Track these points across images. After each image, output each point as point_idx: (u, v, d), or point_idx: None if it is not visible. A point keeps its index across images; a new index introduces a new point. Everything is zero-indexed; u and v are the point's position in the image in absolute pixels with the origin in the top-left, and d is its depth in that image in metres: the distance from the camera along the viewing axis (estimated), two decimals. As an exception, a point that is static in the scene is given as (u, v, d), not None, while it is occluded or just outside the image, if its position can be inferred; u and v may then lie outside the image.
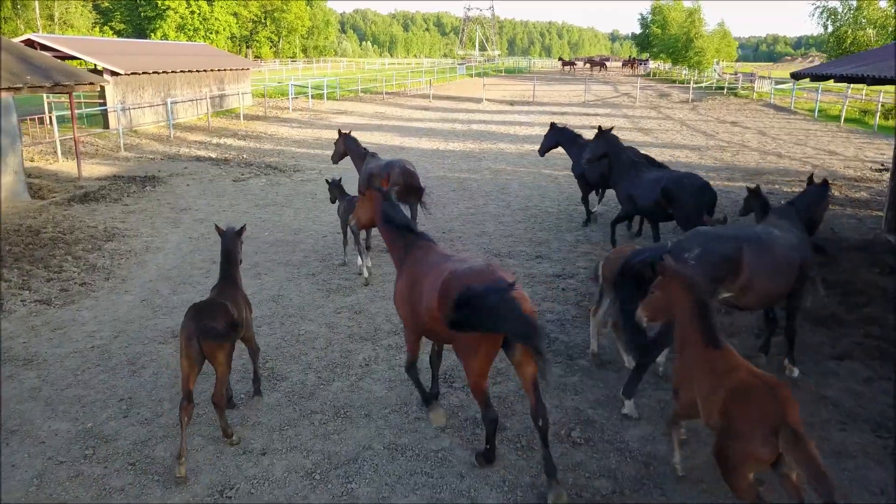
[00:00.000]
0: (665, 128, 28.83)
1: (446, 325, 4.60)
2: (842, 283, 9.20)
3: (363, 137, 26.37)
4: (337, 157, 12.12)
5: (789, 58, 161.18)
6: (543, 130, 28.21)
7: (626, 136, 26.13)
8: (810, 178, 7.83)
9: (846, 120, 29.72)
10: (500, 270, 4.96)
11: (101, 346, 7.50)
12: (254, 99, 40.04)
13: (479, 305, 4.43)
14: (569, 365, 6.89)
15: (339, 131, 12.09)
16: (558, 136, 12.75)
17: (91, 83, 16.49)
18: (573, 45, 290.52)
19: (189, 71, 30.10)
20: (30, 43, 24.08)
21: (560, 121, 29.64)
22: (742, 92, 45.82)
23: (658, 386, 6.51)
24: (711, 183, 16.95)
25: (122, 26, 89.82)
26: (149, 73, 26.82)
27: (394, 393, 6.37)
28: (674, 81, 61.40)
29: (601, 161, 10.34)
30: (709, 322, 4.54)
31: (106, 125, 25.06)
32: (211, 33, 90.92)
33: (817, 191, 7.47)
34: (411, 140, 24.94)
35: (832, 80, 10.34)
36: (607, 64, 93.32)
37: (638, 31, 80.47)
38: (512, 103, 41.20)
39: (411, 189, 10.07)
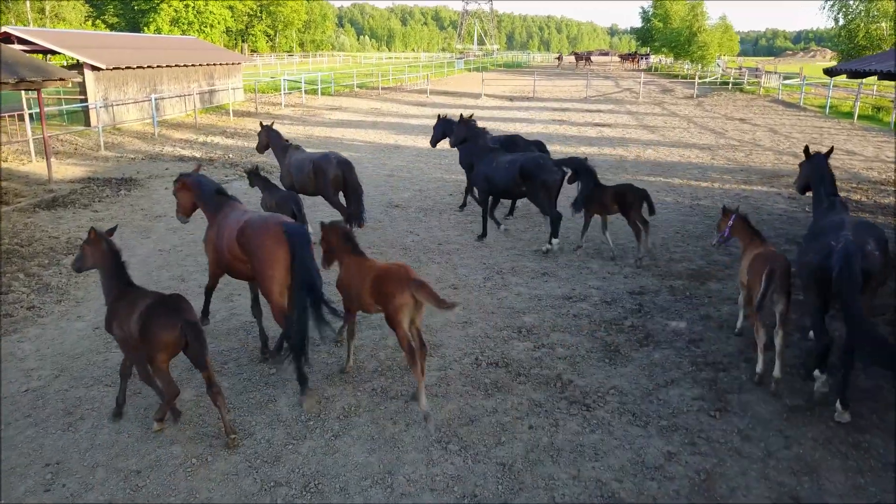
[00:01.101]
0: (671, 125, 27.71)
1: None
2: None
3: (357, 135, 25.39)
4: (262, 149, 12.00)
5: (790, 52, 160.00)
6: (545, 128, 27.20)
7: (632, 134, 25.01)
8: (806, 150, 7.77)
9: (859, 117, 28.62)
10: (285, 219, 6.43)
11: (36, 390, 6.40)
12: (246, 94, 38.88)
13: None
14: (586, 418, 5.80)
15: (261, 123, 12.05)
16: (445, 127, 12.62)
17: (61, 79, 15.34)
18: (572, 40, 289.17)
19: (176, 65, 28.89)
20: (5, 36, 22.88)
21: (562, 118, 28.33)
22: (748, 87, 44.65)
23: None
24: (727, 186, 16.14)
25: (116, 20, 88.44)
26: (133, 68, 25.63)
27: (375, 458, 5.28)
28: (676, 76, 60.26)
29: (463, 145, 11.47)
30: None
31: (87, 123, 23.87)
32: (206, 27, 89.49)
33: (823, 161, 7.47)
34: (407, 138, 23.81)
35: (872, 77, 9.24)
36: (592, 58, 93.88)
37: (639, 25, 79.31)
38: (511, 99, 40.03)
39: (349, 182, 10.29)
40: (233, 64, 34.66)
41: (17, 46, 23.67)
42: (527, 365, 6.77)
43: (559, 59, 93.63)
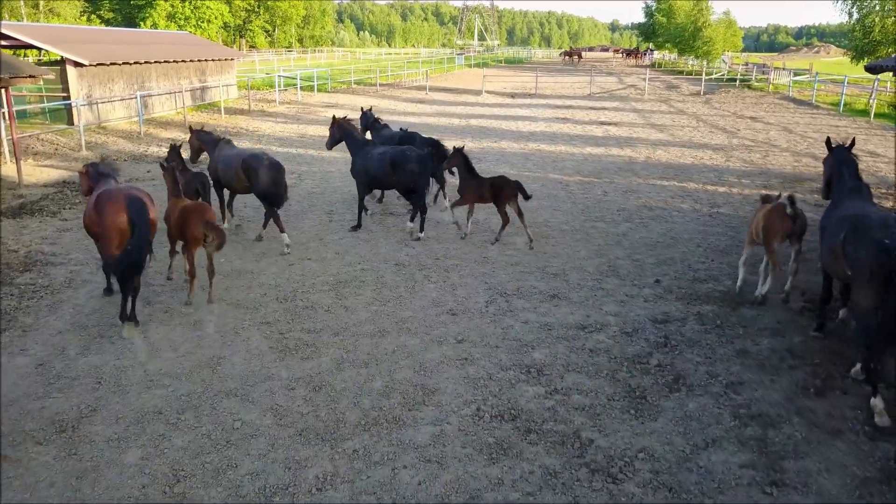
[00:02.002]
0: (680, 124, 26.60)
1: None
2: None
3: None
4: (195, 156, 11.80)
5: (793, 48, 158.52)
6: (548, 127, 26.06)
7: (640, 133, 23.90)
8: (828, 141, 7.79)
9: (875, 115, 27.51)
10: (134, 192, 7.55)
11: (-49, 450, 5.35)
12: (239, 91, 37.79)
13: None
14: (613, 495, 4.74)
15: (191, 128, 11.94)
16: (340, 131, 12.02)
17: (31, 76, 14.30)
18: (573, 35, 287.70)
19: (166, 61, 27.78)
20: (-17, 30, 21.81)
21: (566, 115, 27.32)
22: (756, 84, 43.49)
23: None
24: (746, 192, 15.00)
25: (111, 15, 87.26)
26: (119, 64, 24.52)
27: (353, 554, 4.24)
28: (681, 72, 59.05)
29: (340, 143, 11.81)
30: None
31: (70, 121, 22.79)
32: (202, 22, 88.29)
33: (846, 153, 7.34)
34: (405, 138, 22.71)
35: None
36: (583, 54, 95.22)
37: (641, 20, 78.10)
38: (513, 96, 38.91)
39: (279, 185, 10.15)
40: (226, 60, 33.54)
41: (-5, 41, 22.63)
42: (538, 418, 5.71)
43: (570, 55, 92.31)
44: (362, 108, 14.31)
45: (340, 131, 11.70)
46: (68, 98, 22.57)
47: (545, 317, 7.85)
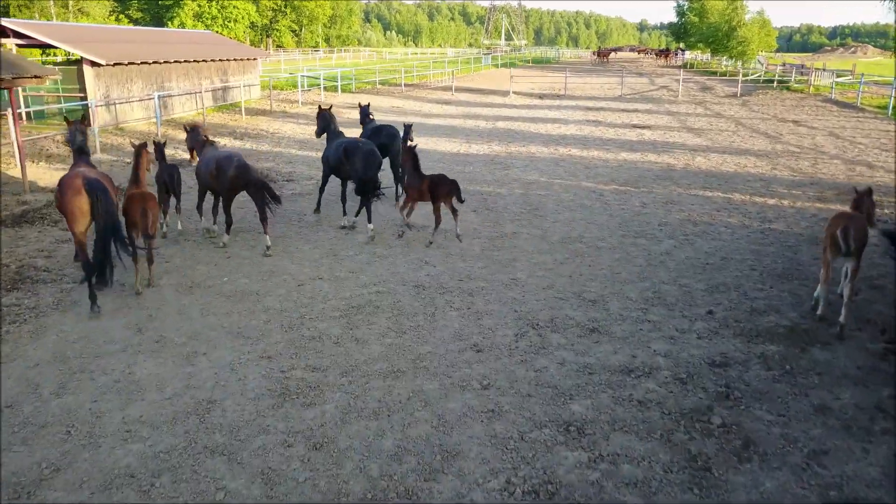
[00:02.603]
0: (718, 128, 25.29)
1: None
2: None
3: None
4: (191, 154, 11.70)
5: (828, 48, 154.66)
6: (579, 130, 24.92)
7: (675, 137, 22.67)
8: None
9: (928, 119, 25.92)
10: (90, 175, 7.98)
11: None
12: (263, 91, 37.23)
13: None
14: None
15: (185, 127, 11.78)
16: (321, 120, 12.50)
17: (37, 76, 13.63)
18: (601, 35, 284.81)
19: (186, 61, 27.20)
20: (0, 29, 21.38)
21: (598, 118, 26.80)
22: (796, 85, 41.77)
23: None
24: (799, 204, 13.74)
25: (140, 15, 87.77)
26: (137, 64, 23.95)
27: None
28: (714, 73, 57.34)
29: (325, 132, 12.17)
30: None
31: (88, 122, 22.22)
32: (229, 22, 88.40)
33: None
34: (429, 140, 21.79)
35: None
36: (611, 54, 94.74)
37: (672, 20, 76.29)
38: (541, 97, 37.79)
39: (248, 183, 10.01)
40: (248, 59, 32.93)
41: (11, 40, 22.19)
42: (580, 494, 4.71)
43: (601, 55, 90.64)
44: (360, 104, 14.96)
45: (321, 121, 12.25)
46: (85, 99, 22.03)
47: (584, 356, 6.83)
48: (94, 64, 21.78)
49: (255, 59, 33.88)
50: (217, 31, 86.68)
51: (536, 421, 5.63)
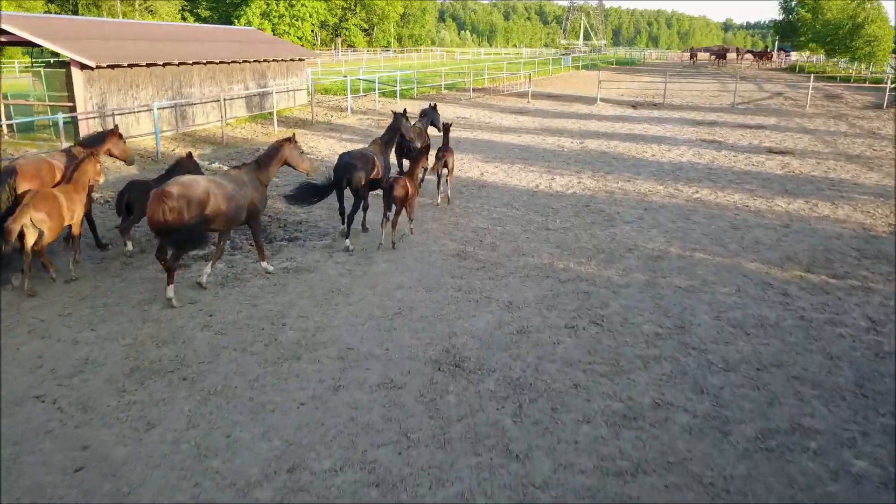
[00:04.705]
0: (886, 154, 18.89)
1: None
2: None
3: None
4: None
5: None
6: (697, 155, 18.80)
7: (836, 169, 16.40)
8: None
9: None
10: None
11: None
12: (311, 97, 32.82)
13: None
14: None
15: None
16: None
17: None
18: (683, 35, 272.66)
19: (213, 62, 22.82)
20: (-26, 23, 17.36)
21: (714, 136, 20.61)
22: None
23: None
24: None
25: (208, 13, 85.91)
26: (144, 66, 19.62)
27: None
28: (833, 77, 49.49)
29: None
30: None
31: (77, 137, 18.02)
32: (297, 20, 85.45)
33: None
34: (496, 169, 16.45)
35: None
36: (697, 55, 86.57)
37: (766, 18, 68.16)
38: (635, 106, 31.79)
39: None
40: (293, 60, 28.41)
41: (-11, 36, 18.16)
42: None
43: (693, 56, 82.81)
44: (430, 105, 14.44)
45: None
46: (75, 109, 17.78)
47: None
48: (84, 66, 17.48)
49: (300, 59, 29.34)
50: (284, 30, 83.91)
51: None
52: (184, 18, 79.77)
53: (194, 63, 21.81)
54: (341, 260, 9.52)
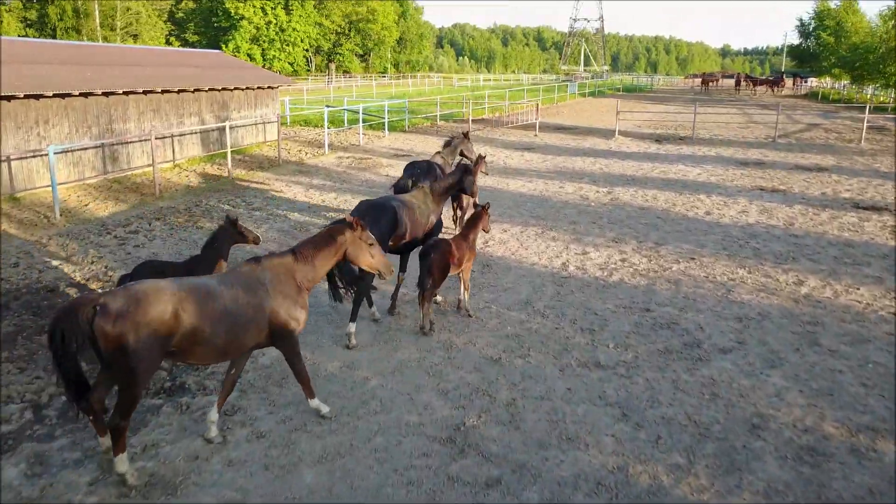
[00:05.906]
0: None
1: None
2: None
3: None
4: None
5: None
6: (765, 214, 11.93)
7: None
8: None
9: None
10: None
11: None
12: (286, 129, 28.77)
13: None
14: None
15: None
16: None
17: None
18: (681, 61, 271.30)
19: (154, 92, 18.63)
20: None
21: (774, 184, 15.57)
22: None
23: None
24: None
25: (196, 38, 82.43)
26: (55, 97, 15.40)
27: None
28: (862, 105, 45.54)
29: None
30: None
31: (-43, 190, 13.77)
32: (287, 45, 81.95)
33: None
34: (506, 234, 12.15)
35: None
36: (719, 81, 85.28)
37: (758, 44, 64.59)
38: (659, 140, 27.62)
39: None
40: (261, 88, 24.25)
41: None
42: None
43: (706, 82, 78.96)
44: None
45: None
46: (-49, 153, 13.52)
47: None
48: (-39, 98, 13.25)
49: (273, 87, 25.16)
50: (274, 55, 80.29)
51: None
52: (169, 43, 76.20)
53: (127, 93, 17.58)
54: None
